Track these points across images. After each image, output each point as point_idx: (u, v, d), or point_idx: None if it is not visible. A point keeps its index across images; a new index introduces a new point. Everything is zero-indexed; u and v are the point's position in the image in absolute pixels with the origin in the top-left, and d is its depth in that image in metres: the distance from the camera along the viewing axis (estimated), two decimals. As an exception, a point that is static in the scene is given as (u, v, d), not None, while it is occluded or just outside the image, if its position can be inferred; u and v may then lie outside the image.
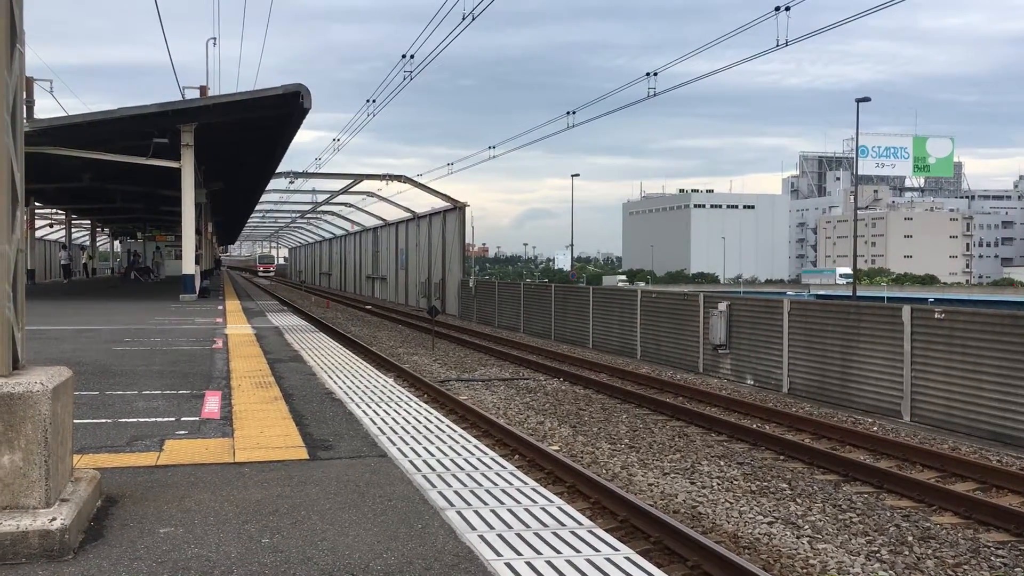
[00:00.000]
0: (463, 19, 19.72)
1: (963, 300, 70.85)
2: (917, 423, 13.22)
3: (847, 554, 7.28)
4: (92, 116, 21.39)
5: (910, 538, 7.71)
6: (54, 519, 3.79)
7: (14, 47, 4.02)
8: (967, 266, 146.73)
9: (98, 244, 66.08)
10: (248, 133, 25.60)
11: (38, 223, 50.19)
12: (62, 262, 47.11)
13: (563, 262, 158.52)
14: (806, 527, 7.97)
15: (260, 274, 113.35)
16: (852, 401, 14.67)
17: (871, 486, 9.44)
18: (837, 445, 11.55)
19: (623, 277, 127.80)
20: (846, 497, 9.00)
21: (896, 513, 8.48)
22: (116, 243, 69.46)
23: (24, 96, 4.35)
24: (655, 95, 23.24)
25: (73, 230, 53.66)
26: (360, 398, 8.37)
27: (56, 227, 58.03)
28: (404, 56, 25.66)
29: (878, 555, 7.28)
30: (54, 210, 51.63)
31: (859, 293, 53.60)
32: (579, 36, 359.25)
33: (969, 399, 12.54)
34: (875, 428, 12.77)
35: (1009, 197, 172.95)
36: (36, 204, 41.81)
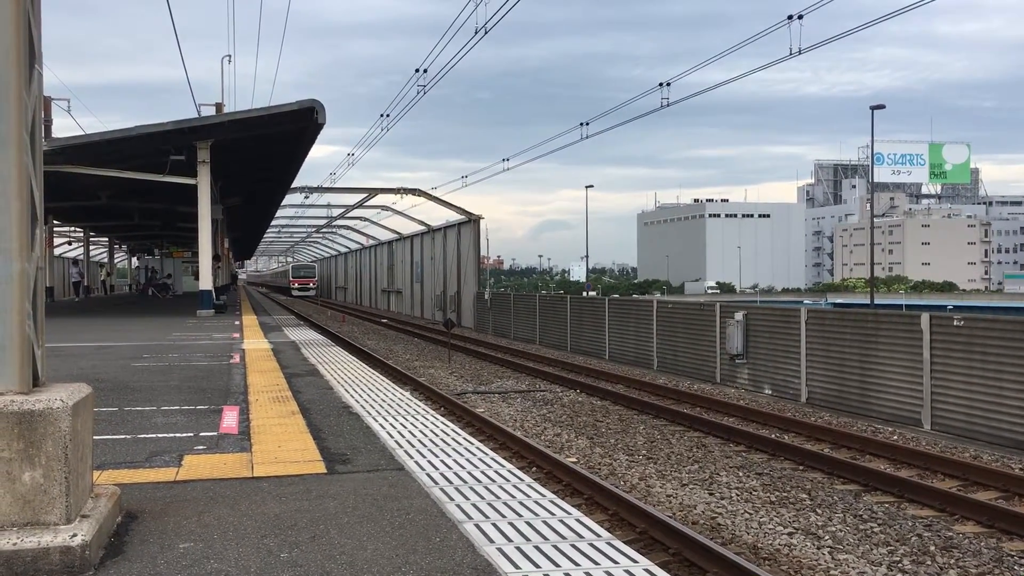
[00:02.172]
0: (475, 33, 19.81)
1: (982, 307, 70.34)
2: (938, 432, 13.11)
3: (868, 564, 7.21)
4: (109, 134, 21.59)
5: (932, 548, 7.64)
6: (75, 535, 3.81)
7: (33, 68, 4.07)
8: (986, 273, 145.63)
9: (116, 261, 66.54)
10: (263, 149, 25.78)
11: (57, 241, 50.51)
12: (73, 279, 45.89)
13: (578, 273, 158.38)
14: (827, 537, 7.91)
15: (296, 292, 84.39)
16: (871, 410, 14.56)
17: (892, 495, 9.37)
18: (857, 454, 11.46)
19: (712, 284, 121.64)
20: (867, 507, 8.93)
21: (918, 522, 8.40)
22: (134, 260, 69.91)
23: (42, 115, 4.40)
24: (668, 105, 23.24)
25: (92, 247, 54.09)
26: (377, 411, 8.39)
27: (75, 244, 58.50)
28: (417, 70, 25.77)
29: (900, 565, 7.22)
30: (73, 228, 52.05)
31: (876, 301, 53.30)
32: (596, 47, 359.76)
33: (990, 407, 12.43)
34: (895, 437, 12.67)
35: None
36: (55, 222, 42.18)
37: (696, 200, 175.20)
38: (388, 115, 32.34)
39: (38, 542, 3.74)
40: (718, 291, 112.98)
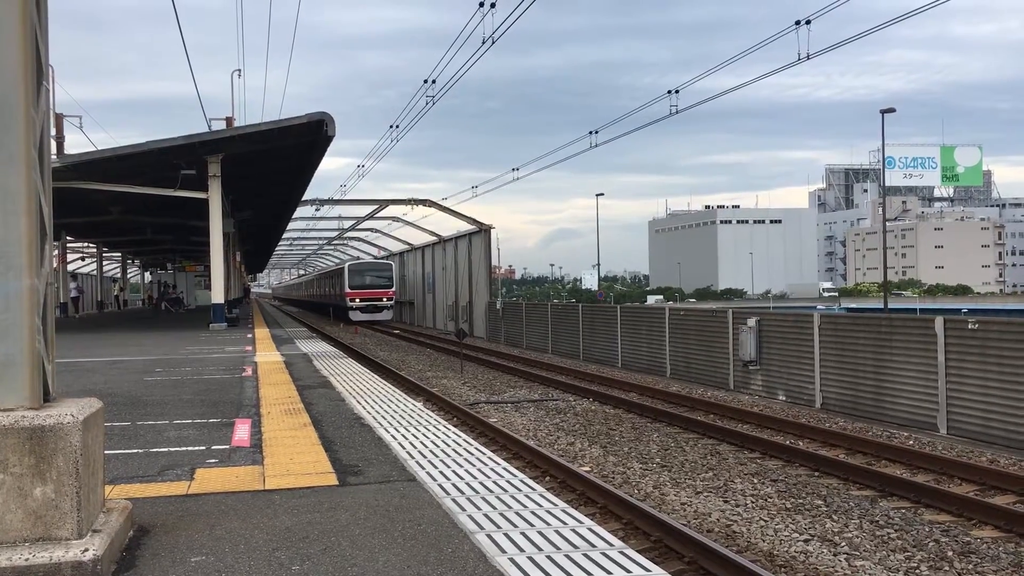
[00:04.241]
0: (483, 43, 19.87)
1: (997, 310, 69.89)
2: (954, 436, 13.00)
3: (885, 571, 7.15)
4: (120, 150, 21.71)
5: (950, 553, 7.57)
6: (86, 550, 3.81)
7: (40, 84, 4.09)
8: (1000, 275, 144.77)
9: (129, 276, 66.87)
10: (274, 162, 25.88)
11: (70, 257, 50.66)
12: (72, 294, 41.52)
13: (590, 282, 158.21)
14: (843, 544, 7.84)
15: (358, 315, 48.25)
16: (886, 415, 14.46)
17: (908, 501, 9.29)
18: (872, 460, 11.38)
19: (829, 285, 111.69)
20: (883, 513, 8.86)
21: (935, 528, 8.33)
22: (147, 274, 70.18)
23: (52, 132, 4.43)
24: (677, 112, 23.25)
25: (105, 262, 54.31)
26: (389, 423, 8.38)
27: (88, 260, 58.83)
28: (426, 81, 25.89)
29: (917, 571, 7.15)
30: (86, 243, 52.35)
31: (890, 305, 53.01)
32: (607, 55, 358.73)
33: (1007, 410, 12.32)
34: (911, 442, 12.58)
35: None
36: (68, 238, 42.36)
37: (707, 207, 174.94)
38: (397, 126, 32.47)
39: (50, 557, 3.74)
40: (836, 293, 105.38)
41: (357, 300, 48.57)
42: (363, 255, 70.75)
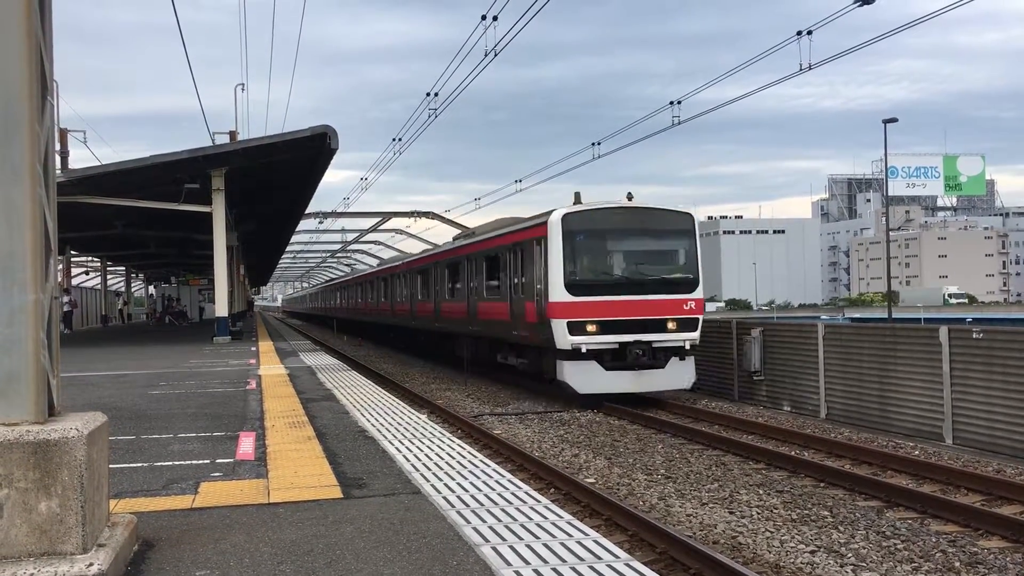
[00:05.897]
0: (485, 55, 19.94)
1: (1002, 319, 69.67)
2: (960, 446, 12.96)
3: (893, 582, 7.11)
4: (124, 164, 21.80)
5: (957, 563, 7.53)
6: (91, 564, 3.81)
7: (45, 100, 4.11)
8: (1004, 284, 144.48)
9: (133, 290, 66.95)
10: (277, 175, 25.96)
11: (74, 271, 50.68)
12: (64, 308, 34.59)
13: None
14: (849, 555, 7.81)
15: (603, 361, 16.41)
16: (892, 425, 14.42)
17: (915, 511, 9.25)
18: (878, 470, 11.34)
19: (955, 290, 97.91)
20: (889, 523, 8.82)
21: (942, 538, 8.29)
22: (151, 288, 70.20)
23: (57, 147, 4.44)
24: (679, 123, 23.26)
25: (108, 276, 54.40)
26: (393, 435, 8.37)
27: (92, 274, 58.91)
28: (428, 94, 25.94)
29: (925, 582, 7.11)
30: (90, 258, 52.44)
31: (894, 315, 52.89)
32: (613, 67, 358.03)
33: (1012, 420, 12.28)
34: (917, 452, 12.54)
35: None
36: (72, 252, 42.43)
37: (710, 217, 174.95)
38: (400, 139, 32.56)
39: (55, 572, 3.74)
40: (965, 300, 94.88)
41: (591, 328, 16.92)
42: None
